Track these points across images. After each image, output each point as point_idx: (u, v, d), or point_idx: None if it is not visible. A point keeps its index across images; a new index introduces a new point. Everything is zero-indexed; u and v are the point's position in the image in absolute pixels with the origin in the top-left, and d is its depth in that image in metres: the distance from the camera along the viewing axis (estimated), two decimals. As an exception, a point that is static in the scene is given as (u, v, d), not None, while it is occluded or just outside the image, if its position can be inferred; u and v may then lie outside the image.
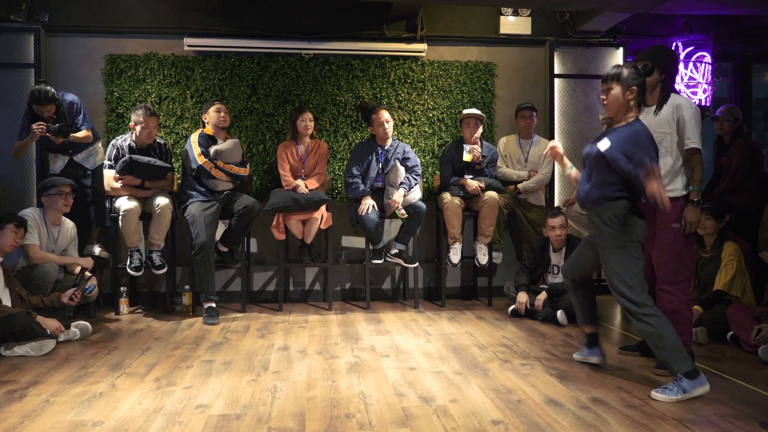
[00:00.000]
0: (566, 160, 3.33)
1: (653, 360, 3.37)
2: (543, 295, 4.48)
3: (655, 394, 2.84)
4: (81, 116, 4.51)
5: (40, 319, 3.65)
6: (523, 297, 4.51)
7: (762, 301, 3.74)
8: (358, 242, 5.37)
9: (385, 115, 4.84)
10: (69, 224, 4.34)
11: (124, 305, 4.75)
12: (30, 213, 4.12)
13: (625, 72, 2.99)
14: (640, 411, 2.68)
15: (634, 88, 2.98)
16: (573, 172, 3.33)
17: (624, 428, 2.49)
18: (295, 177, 4.89)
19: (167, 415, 2.63)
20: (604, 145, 2.97)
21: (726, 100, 6.19)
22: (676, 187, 3.25)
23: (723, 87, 6.26)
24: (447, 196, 4.93)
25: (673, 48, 5.57)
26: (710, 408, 2.72)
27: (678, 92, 3.30)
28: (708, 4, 4.55)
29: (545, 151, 3.40)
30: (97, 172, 4.65)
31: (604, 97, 3.05)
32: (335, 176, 5.34)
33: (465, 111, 5.03)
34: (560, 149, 3.31)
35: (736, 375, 3.21)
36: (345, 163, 5.26)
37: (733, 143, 4.83)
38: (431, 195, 5.35)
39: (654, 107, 3.31)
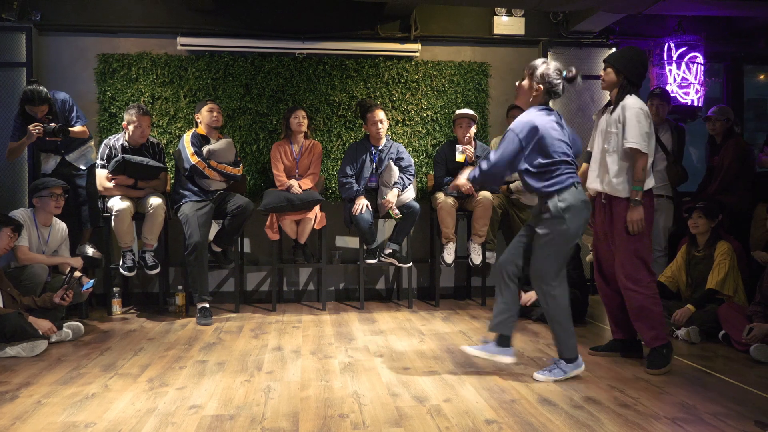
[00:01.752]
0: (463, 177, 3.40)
1: (639, 360, 3.39)
2: (532, 295, 4.48)
3: (538, 376, 3.10)
4: (74, 113, 4.49)
5: (31, 319, 3.63)
6: (529, 296, 4.49)
7: (753, 300, 3.76)
8: (352, 242, 5.37)
9: (379, 114, 4.84)
10: (60, 225, 4.31)
11: (116, 306, 4.73)
12: (20, 214, 4.08)
13: (541, 69, 3.10)
14: (633, 410, 2.69)
15: (540, 87, 3.11)
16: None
17: (617, 427, 2.49)
18: (289, 177, 4.89)
19: (160, 415, 2.62)
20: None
21: (718, 101, 6.22)
22: (624, 188, 3.26)
23: (715, 87, 6.29)
24: (441, 196, 4.93)
25: (665, 49, 5.59)
26: (702, 407, 2.73)
27: (636, 94, 3.31)
28: (700, 5, 4.58)
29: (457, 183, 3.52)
30: (90, 172, 4.63)
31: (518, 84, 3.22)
32: (329, 176, 5.33)
33: (458, 111, 5.04)
34: (463, 183, 3.46)
35: (728, 374, 3.23)
36: (339, 163, 5.26)
37: (725, 143, 4.86)
38: (425, 195, 5.36)
39: (612, 107, 3.36)
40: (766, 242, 4.33)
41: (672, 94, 5.33)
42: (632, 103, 3.25)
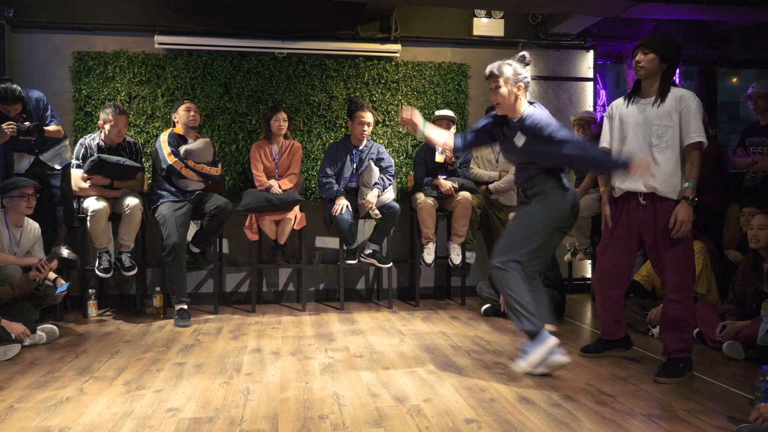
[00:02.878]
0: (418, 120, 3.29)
1: (622, 359, 3.43)
2: None
3: (518, 366, 3.16)
4: (49, 112, 4.41)
5: (4, 323, 3.56)
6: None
7: (726, 299, 3.83)
8: (332, 243, 5.36)
9: (368, 117, 4.82)
10: (32, 225, 4.21)
11: (92, 308, 4.67)
12: None
13: (511, 70, 3.19)
14: (610, 407, 2.72)
15: (519, 85, 3.17)
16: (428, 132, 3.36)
17: (594, 424, 2.52)
18: (269, 177, 4.86)
19: (137, 419, 2.59)
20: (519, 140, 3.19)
21: (692, 103, 6.32)
22: (676, 187, 3.07)
23: (689, 90, 6.38)
24: (421, 196, 4.94)
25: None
26: (677, 404, 2.78)
27: (678, 85, 3.15)
28: (675, 9, 4.65)
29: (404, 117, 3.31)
30: (65, 172, 4.55)
31: (494, 96, 3.23)
32: (309, 176, 5.31)
33: (437, 112, 5.06)
34: (410, 116, 3.28)
35: (702, 371, 3.28)
36: (319, 163, 5.24)
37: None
38: (405, 195, 5.37)
39: (652, 98, 3.15)
40: (738, 242, 4.41)
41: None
42: (690, 94, 3.06)
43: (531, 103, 3.25)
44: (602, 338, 3.57)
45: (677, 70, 3.16)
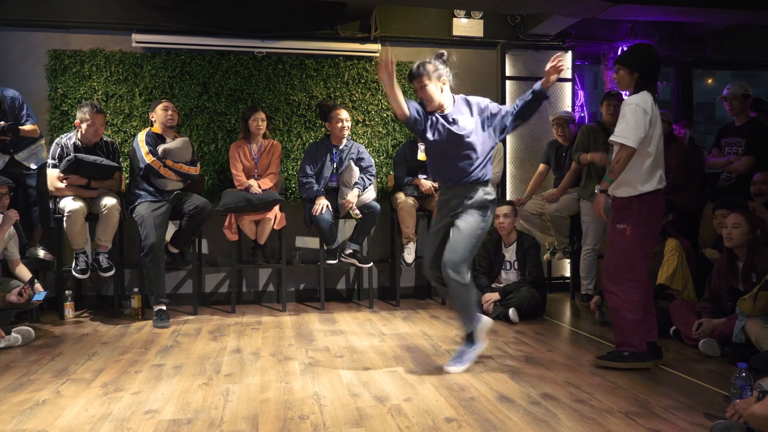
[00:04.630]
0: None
1: (599, 358, 3.47)
2: (494, 295, 4.55)
3: (451, 368, 3.22)
4: (25, 111, 4.34)
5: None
6: (491, 297, 4.55)
7: (702, 297, 3.89)
8: (312, 243, 5.34)
9: (343, 113, 4.83)
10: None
11: (69, 309, 4.60)
12: None
13: (432, 67, 3.31)
14: (588, 405, 2.75)
15: (444, 81, 3.30)
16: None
17: (573, 422, 2.55)
18: (248, 177, 4.84)
19: (115, 421, 2.56)
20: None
21: (669, 104, 6.42)
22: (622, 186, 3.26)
23: (666, 91, 6.48)
24: (401, 196, 4.95)
25: (618, 53, 5.74)
26: (654, 401, 2.82)
27: (657, 92, 3.35)
28: (651, 10, 4.71)
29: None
30: (40, 172, 4.47)
31: (422, 94, 3.30)
32: (289, 176, 5.29)
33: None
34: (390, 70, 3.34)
35: (679, 368, 3.33)
36: (299, 162, 5.22)
37: (669, 146, 5.00)
38: (385, 195, 5.37)
39: None
40: (714, 240, 4.49)
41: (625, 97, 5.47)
42: (629, 99, 3.24)
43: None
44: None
45: (653, 78, 3.31)
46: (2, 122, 4.11)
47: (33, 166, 4.45)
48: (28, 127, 4.29)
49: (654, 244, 3.44)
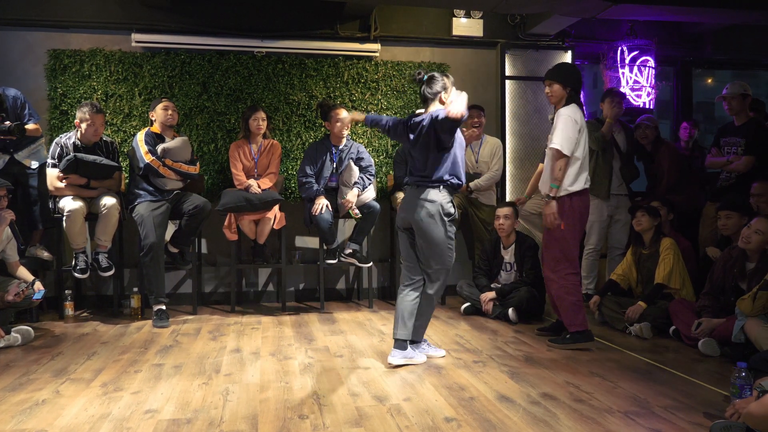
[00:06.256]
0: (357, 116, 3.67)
1: (599, 357, 3.47)
2: (491, 294, 4.55)
3: (394, 359, 3.33)
4: (27, 110, 4.34)
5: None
6: (489, 295, 4.56)
7: (702, 292, 3.88)
8: (312, 242, 5.34)
9: (342, 113, 4.83)
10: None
11: (69, 309, 4.60)
12: None
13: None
14: (588, 405, 2.75)
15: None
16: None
17: (572, 422, 2.55)
18: (248, 176, 4.83)
19: (114, 421, 2.56)
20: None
21: (668, 104, 6.43)
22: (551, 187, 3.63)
23: (666, 90, 6.49)
24: (400, 195, 4.95)
25: (618, 52, 5.76)
26: (654, 400, 2.82)
27: (582, 105, 3.77)
28: (651, 10, 4.71)
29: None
30: (40, 171, 4.47)
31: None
32: (288, 176, 5.29)
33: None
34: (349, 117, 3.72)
35: (678, 368, 3.33)
36: (298, 162, 5.22)
37: (657, 150, 5.01)
38: (385, 195, 5.37)
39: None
40: (715, 240, 4.49)
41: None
42: (563, 110, 3.63)
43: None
44: (558, 320, 3.96)
45: (579, 91, 3.76)
46: (8, 122, 4.10)
47: (33, 166, 4.45)
48: (31, 126, 4.29)
49: (581, 234, 3.87)
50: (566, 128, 3.56)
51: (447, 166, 3.32)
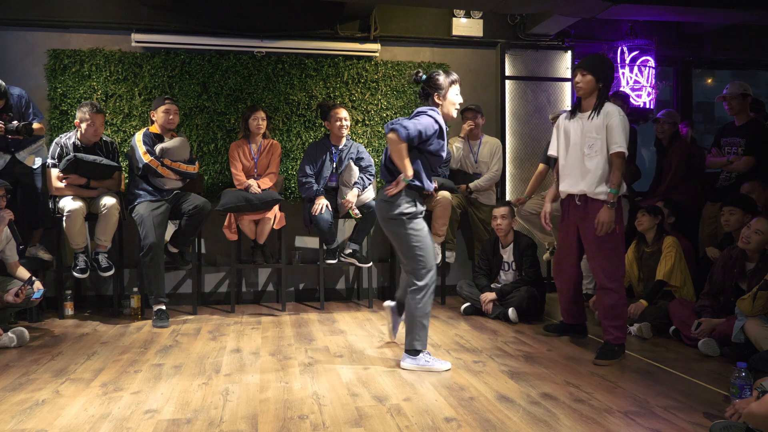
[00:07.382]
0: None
1: (592, 354, 3.47)
2: (491, 295, 4.55)
3: (404, 363, 3.28)
4: (31, 109, 4.34)
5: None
6: (489, 296, 4.56)
7: (702, 292, 3.88)
8: (312, 242, 5.34)
9: (342, 113, 4.83)
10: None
11: (68, 309, 4.60)
12: None
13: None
14: (588, 405, 2.75)
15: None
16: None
17: (572, 422, 2.55)
18: (248, 176, 4.83)
19: (114, 421, 2.56)
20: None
21: (668, 103, 6.42)
22: (603, 191, 3.44)
23: (666, 90, 6.49)
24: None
25: (618, 52, 5.76)
26: (654, 400, 2.82)
27: (609, 100, 3.58)
28: (651, 10, 4.71)
29: None
30: (42, 171, 4.47)
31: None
32: (288, 176, 5.29)
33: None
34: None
35: (678, 368, 3.33)
36: (298, 162, 5.22)
37: (671, 145, 5.04)
38: (385, 195, 5.36)
39: (588, 113, 3.51)
40: (715, 240, 4.49)
41: (625, 97, 5.49)
42: (615, 109, 3.44)
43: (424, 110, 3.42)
44: (562, 321, 3.94)
45: (610, 87, 3.61)
46: (16, 122, 4.10)
47: (34, 166, 4.45)
48: (36, 125, 4.30)
49: None
50: (625, 129, 3.42)
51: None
